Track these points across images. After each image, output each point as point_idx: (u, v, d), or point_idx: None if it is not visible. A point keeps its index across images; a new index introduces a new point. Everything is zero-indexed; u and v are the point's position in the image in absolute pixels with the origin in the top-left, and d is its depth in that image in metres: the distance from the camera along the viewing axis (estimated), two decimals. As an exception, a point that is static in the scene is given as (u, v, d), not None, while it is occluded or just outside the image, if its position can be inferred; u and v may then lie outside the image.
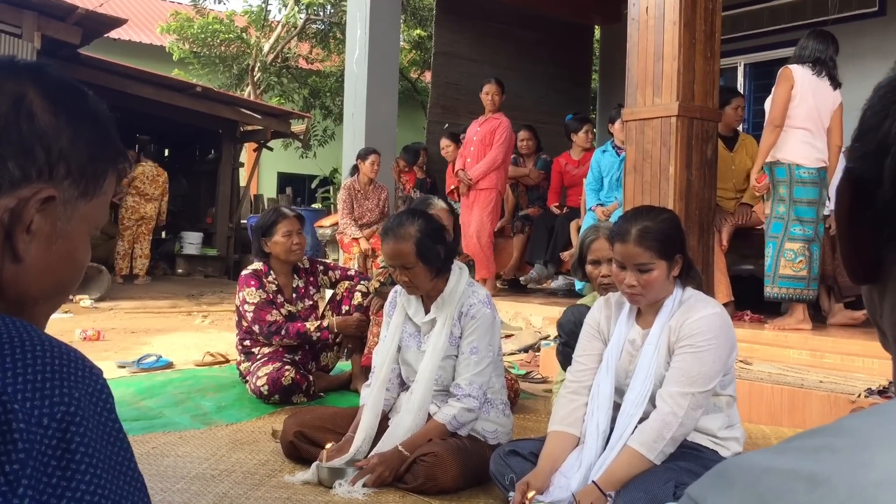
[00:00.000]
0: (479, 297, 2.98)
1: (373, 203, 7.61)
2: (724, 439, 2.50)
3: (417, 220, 2.94)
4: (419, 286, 2.94)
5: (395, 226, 2.93)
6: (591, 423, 2.52)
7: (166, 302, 8.84)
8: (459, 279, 3.01)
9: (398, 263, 2.90)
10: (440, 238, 2.97)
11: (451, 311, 2.96)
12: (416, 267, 2.89)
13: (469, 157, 6.96)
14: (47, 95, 0.80)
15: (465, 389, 2.91)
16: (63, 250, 0.81)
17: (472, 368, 2.92)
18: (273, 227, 4.28)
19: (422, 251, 2.88)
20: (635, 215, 2.51)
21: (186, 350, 5.63)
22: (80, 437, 0.67)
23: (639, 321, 2.60)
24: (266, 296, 4.23)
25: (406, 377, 3.10)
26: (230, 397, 4.21)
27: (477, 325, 2.94)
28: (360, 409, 3.08)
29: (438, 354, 2.94)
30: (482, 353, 2.94)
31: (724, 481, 0.49)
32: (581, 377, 2.64)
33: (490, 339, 2.96)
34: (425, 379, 2.95)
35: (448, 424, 2.91)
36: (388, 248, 2.91)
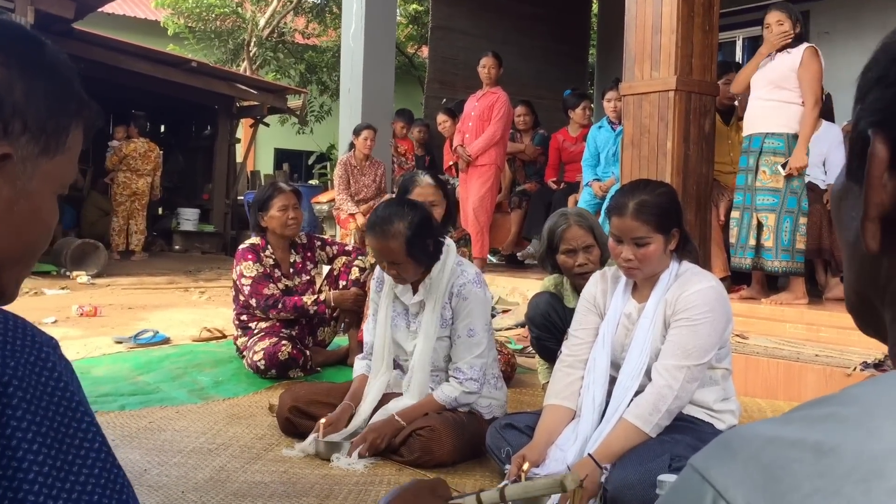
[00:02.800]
0: (469, 276, 2.95)
1: (369, 179, 7.58)
2: (720, 412, 2.51)
3: (406, 217, 2.82)
4: (408, 277, 2.92)
5: (381, 222, 2.81)
6: (587, 396, 2.52)
7: (163, 278, 8.84)
8: (447, 258, 2.97)
9: (386, 259, 2.84)
10: (429, 231, 2.88)
11: (440, 293, 2.93)
12: (404, 262, 2.85)
13: (467, 133, 6.92)
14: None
15: (466, 373, 2.91)
16: (26, 210, 0.77)
17: (471, 351, 2.92)
18: (269, 202, 4.27)
19: (411, 248, 2.82)
20: (633, 189, 2.50)
21: (183, 325, 5.63)
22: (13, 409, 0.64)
23: (635, 295, 2.60)
24: (263, 270, 4.23)
25: (395, 355, 3.10)
26: (227, 372, 4.22)
27: (470, 305, 2.92)
28: (356, 379, 3.08)
29: (431, 339, 2.94)
30: (479, 336, 2.93)
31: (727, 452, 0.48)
32: (577, 351, 2.64)
33: (484, 319, 2.95)
34: (422, 364, 2.95)
35: (447, 405, 2.92)
36: (376, 245, 2.83)
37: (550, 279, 3.56)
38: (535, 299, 3.51)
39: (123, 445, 2.98)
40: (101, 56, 9.57)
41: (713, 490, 0.46)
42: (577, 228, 3.25)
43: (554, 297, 3.47)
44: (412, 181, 3.95)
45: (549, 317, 3.41)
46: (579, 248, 3.24)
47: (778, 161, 4.61)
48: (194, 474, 2.68)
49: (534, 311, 3.47)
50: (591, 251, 3.26)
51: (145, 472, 2.69)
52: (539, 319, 3.44)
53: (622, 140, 5.24)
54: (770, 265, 4.66)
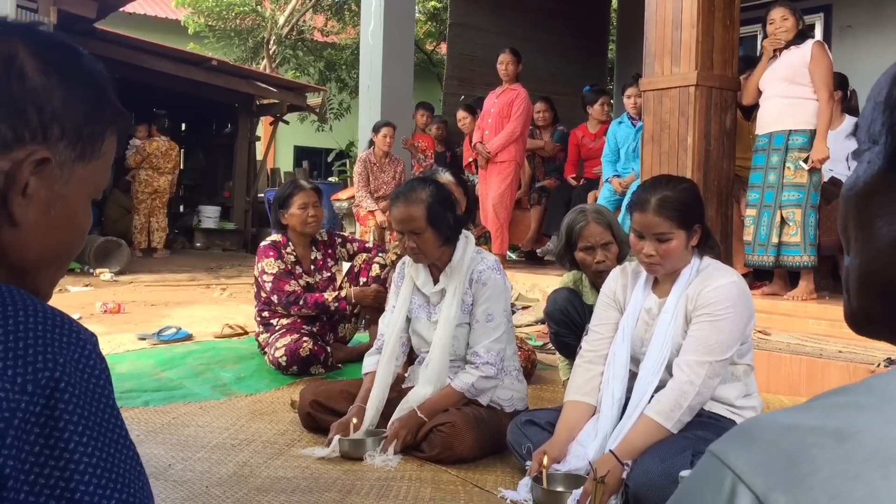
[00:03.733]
0: (488, 262, 2.98)
1: (389, 176, 7.59)
2: (742, 408, 2.50)
3: (429, 186, 2.96)
4: (427, 252, 2.93)
5: (406, 191, 2.95)
6: (607, 392, 2.52)
7: (185, 275, 8.91)
8: (466, 247, 3.02)
9: (407, 228, 2.90)
10: (451, 205, 2.98)
11: (460, 279, 2.96)
12: (425, 233, 2.89)
13: (487, 130, 6.92)
14: (38, 54, 0.77)
15: (482, 357, 2.92)
16: (62, 214, 0.79)
17: (488, 335, 2.93)
18: (290, 200, 4.29)
19: (432, 216, 2.89)
20: (655, 184, 2.49)
21: (205, 322, 5.68)
22: (66, 403, 0.66)
23: (655, 290, 2.59)
24: (284, 266, 4.26)
25: (417, 348, 3.11)
26: (249, 368, 4.25)
27: (489, 291, 2.94)
28: (365, 377, 3.09)
29: (451, 323, 2.94)
30: (498, 320, 2.94)
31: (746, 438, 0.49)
32: (597, 346, 2.64)
33: (503, 305, 2.96)
34: (441, 348, 2.95)
35: (466, 392, 2.92)
36: (399, 212, 2.92)
37: (569, 276, 3.55)
38: (553, 295, 3.51)
39: (148, 441, 3.01)
40: (123, 55, 9.66)
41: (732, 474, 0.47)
42: (595, 225, 3.24)
43: (572, 293, 3.47)
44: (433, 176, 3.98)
45: (567, 313, 3.41)
46: (597, 246, 3.23)
47: (802, 157, 4.58)
48: (218, 469, 2.71)
49: (552, 307, 3.47)
50: (609, 248, 3.25)
51: (170, 468, 2.72)
52: (558, 315, 3.43)
53: (642, 136, 5.22)
54: (797, 260, 4.63)
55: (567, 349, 3.46)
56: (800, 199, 4.59)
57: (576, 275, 3.51)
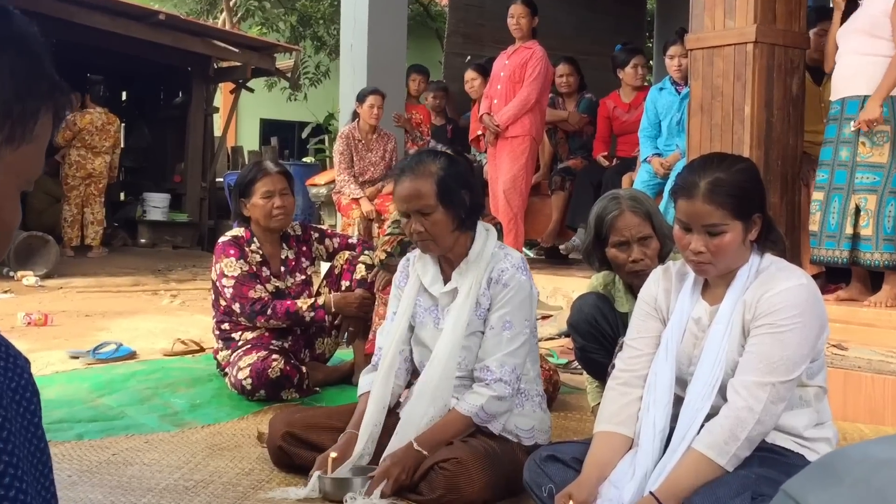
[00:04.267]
0: (513, 260, 2.98)
1: (376, 156, 7.60)
2: (812, 440, 2.50)
3: (440, 158, 2.98)
4: (438, 239, 2.93)
5: (413, 163, 2.97)
6: (647, 420, 2.52)
7: (127, 279, 8.91)
8: (487, 241, 3.02)
9: (414, 207, 2.90)
10: (467, 183, 2.99)
11: (477, 278, 2.95)
12: (435, 213, 2.89)
13: (496, 98, 6.92)
14: None
15: (495, 373, 2.91)
16: None
17: (503, 347, 2.92)
18: (252, 186, 4.29)
19: (444, 193, 2.89)
20: (704, 165, 2.49)
21: (152, 337, 5.68)
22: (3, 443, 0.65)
23: (705, 296, 2.59)
24: (248, 268, 4.26)
25: (420, 362, 3.10)
26: (206, 393, 4.26)
27: (510, 294, 2.93)
28: (360, 399, 3.09)
29: (461, 329, 2.93)
30: (516, 329, 2.93)
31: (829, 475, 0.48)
32: (634, 365, 2.64)
33: (526, 313, 2.96)
34: (444, 358, 2.93)
35: (474, 417, 2.91)
36: (404, 188, 2.92)
37: (599, 277, 3.55)
38: (579, 302, 3.50)
39: (82, 483, 3.01)
40: (49, 8, 9.65)
41: None
42: (630, 215, 3.24)
43: (602, 298, 3.46)
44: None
45: (596, 323, 3.40)
46: (633, 240, 3.23)
47: (884, 130, 4.56)
48: (168, 517, 2.71)
49: (578, 316, 3.46)
50: (647, 244, 3.24)
51: (109, 515, 2.72)
52: (584, 326, 3.43)
53: (689, 105, 5.21)
54: (868, 258, 4.62)
55: (596, 368, 3.46)
56: (875, 183, 4.57)
57: (607, 276, 3.51)
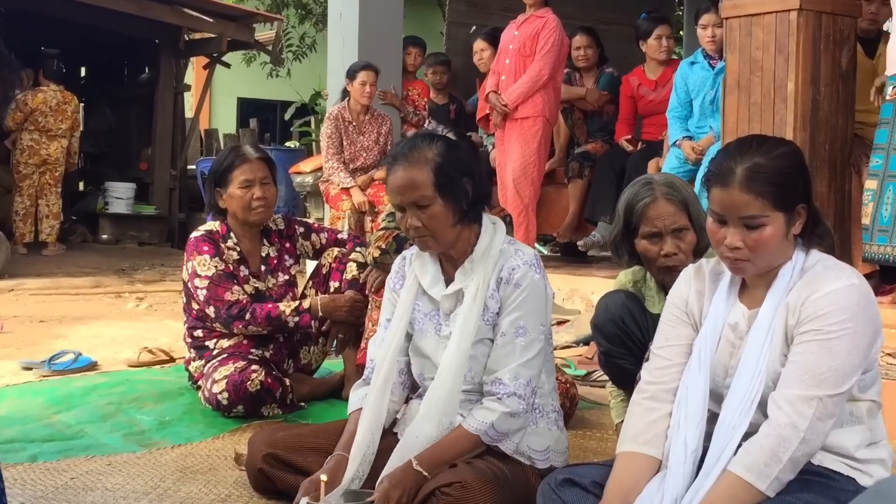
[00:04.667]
0: (525, 257, 2.95)
1: (369, 139, 7.60)
2: (864, 462, 2.49)
3: (437, 143, 2.94)
4: (437, 235, 2.91)
5: (406, 149, 2.93)
6: (678, 440, 2.52)
7: (86, 280, 8.91)
8: (494, 236, 2.99)
9: (409, 199, 2.87)
10: (467, 169, 2.95)
11: (485, 278, 2.92)
12: (433, 205, 2.86)
13: (504, 74, 6.91)
14: None
15: (508, 386, 2.89)
16: None
17: (517, 356, 2.90)
18: (228, 174, 4.29)
19: (443, 181, 2.86)
20: (741, 149, 2.48)
21: (115, 345, 5.68)
22: None
23: (743, 298, 2.59)
24: (224, 266, 4.26)
25: (420, 374, 3.09)
26: (176, 409, 4.26)
27: (523, 295, 2.91)
28: (350, 417, 3.08)
29: (468, 338, 2.91)
30: (531, 336, 2.91)
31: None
32: (662, 377, 2.63)
33: (541, 318, 2.94)
34: (451, 372, 2.91)
35: (483, 435, 2.89)
36: (397, 178, 2.89)
37: (627, 274, 3.54)
38: (605, 300, 3.48)
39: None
40: (-2, -27, 9.66)
41: None
42: (664, 203, 3.22)
43: (632, 298, 3.45)
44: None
45: (623, 324, 3.39)
46: (667, 232, 3.22)
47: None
48: (134, 550, 2.71)
49: (603, 316, 3.44)
50: (682, 236, 3.23)
51: (67, 547, 2.73)
52: (610, 328, 3.41)
53: (724, 81, 5.20)
54: None
55: (622, 377, 3.44)
56: None
57: (637, 273, 3.50)
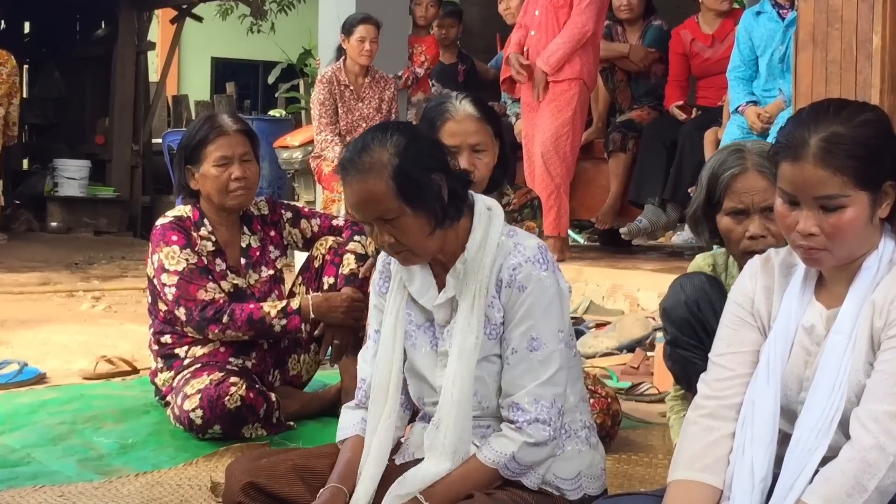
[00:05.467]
0: (526, 251, 2.91)
1: (370, 106, 7.58)
2: (967, 491, 2.49)
3: (392, 137, 2.85)
4: (416, 248, 2.88)
5: (355, 155, 2.85)
6: (743, 465, 2.52)
7: (33, 275, 8.92)
8: (489, 228, 2.96)
9: (372, 215, 2.83)
10: (434, 162, 2.89)
11: (481, 282, 2.90)
12: (402, 216, 2.82)
13: (532, 28, 6.91)
14: None
15: (528, 411, 2.88)
16: None
17: (535, 375, 2.89)
18: (202, 150, 4.28)
19: (406, 187, 2.80)
20: (817, 117, 2.47)
21: (68, 353, 5.69)
22: None
23: (821, 295, 2.58)
24: (197, 259, 4.26)
25: (419, 398, 3.08)
26: (141, 429, 4.26)
27: (530, 300, 2.88)
28: (345, 444, 3.08)
29: (468, 358, 2.89)
30: (548, 347, 2.90)
31: None
32: (723, 391, 2.63)
33: (556, 321, 2.91)
34: (457, 400, 2.91)
35: (502, 469, 2.89)
36: (353, 192, 2.85)
37: (706, 257, 3.52)
38: (681, 280, 3.45)
39: (-25, 550, 3.03)
40: None
41: None
42: (756, 177, 3.20)
43: (713, 282, 3.42)
44: (441, 110, 3.93)
45: (698, 310, 3.35)
46: (755, 210, 3.20)
47: None
48: None
49: (675, 299, 3.41)
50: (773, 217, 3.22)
51: None
52: (681, 312, 3.37)
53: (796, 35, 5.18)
54: None
55: (687, 374, 3.40)
56: None
57: (718, 256, 3.49)
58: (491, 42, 8.70)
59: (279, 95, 16.48)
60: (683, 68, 7.21)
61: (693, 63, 7.17)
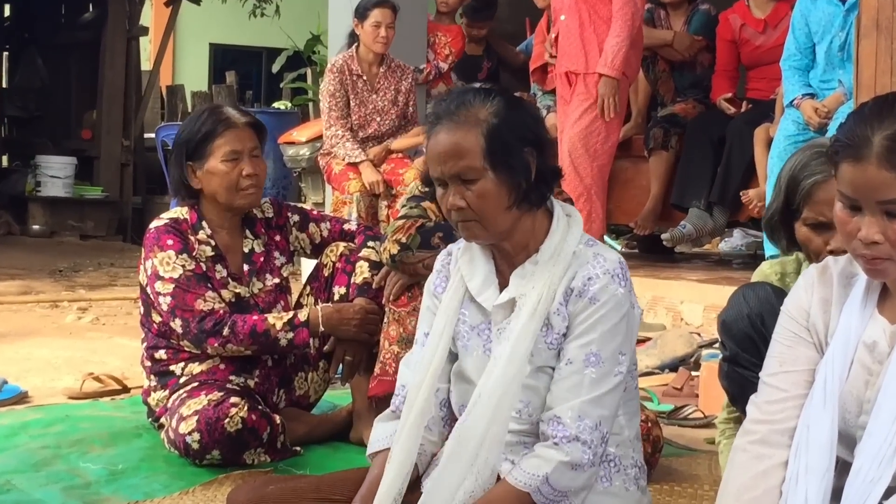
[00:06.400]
0: (607, 264, 2.91)
1: (385, 99, 7.59)
2: None
3: (494, 99, 2.91)
4: (486, 219, 2.87)
5: (452, 106, 2.91)
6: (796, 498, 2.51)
7: (13, 284, 8.94)
8: (569, 231, 2.96)
9: (452, 170, 2.84)
10: (532, 137, 2.93)
11: (549, 285, 2.90)
12: (482, 179, 2.83)
13: (563, 13, 6.91)
14: None
15: (569, 427, 2.87)
16: None
17: (584, 391, 2.88)
18: (207, 144, 4.28)
19: (497, 149, 2.84)
20: (880, 112, 2.47)
21: (52, 370, 5.69)
22: None
23: (884, 309, 2.58)
24: (195, 266, 4.26)
25: (460, 405, 3.05)
26: (132, 455, 4.27)
27: (600, 314, 2.88)
28: (374, 462, 3.08)
29: (519, 360, 2.88)
30: (606, 367, 2.89)
31: None
32: (775, 414, 2.63)
33: (621, 344, 2.90)
34: (493, 401, 2.87)
35: (534, 493, 2.88)
36: (439, 143, 2.87)
37: (774, 265, 3.50)
38: (743, 291, 3.44)
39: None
40: None
41: None
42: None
43: (780, 293, 3.42)
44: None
45: (762, 325, 3.33)
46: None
47: None
48: None
49: (736, 311, 3.39)
50: None
51: None
52: (742, 325, 3.36)
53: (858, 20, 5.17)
54: None
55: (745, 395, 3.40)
56: None
57: (788, 264, 3.47)
58: (520, 27, 8.70)
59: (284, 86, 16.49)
60: (732, 57, 7.20)
61: (743, 51, 7.16)
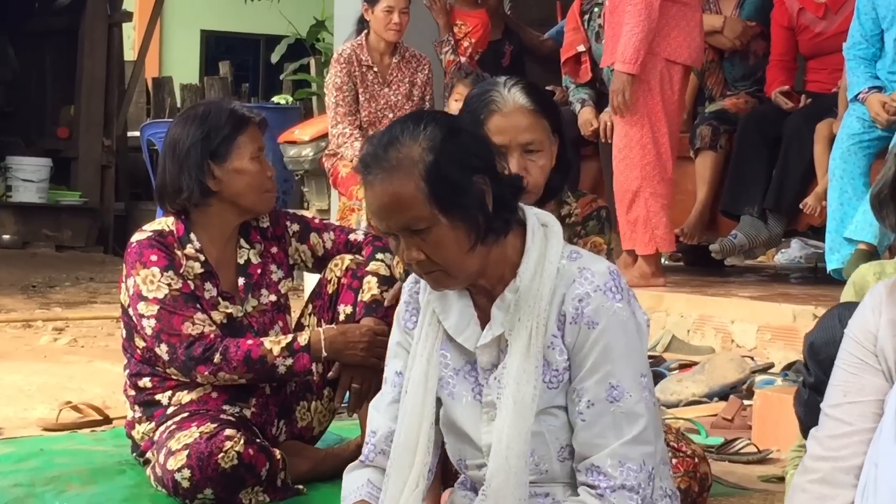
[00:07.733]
0: (595, 278, 2.89)
1: (399, 93, 7.60)
2: None
3: (426, 129, 2.83)
4: (451, 268, 2.85)
5: (380, 149, 2.84)
6: (864, 544, 2.52)
7: (-19, 301, 8.99)
8: (547, 244, 2.94)
9: (398, 224, 2.82)
10: (477, 161, 2.87)
11: (538, 318, 2.88)
12: (435, 227, 2.81)
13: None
14: None
15: (612, 477, 2.86)
16: None
17: (619, 432, 2.85)
18: (233, 140, 4.28)
19: (441, 190, 2.79)
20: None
21: (24, 399, 5.72)
22: None
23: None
24: (182, 284, 4.28)
25: (459, 460, 3.06)
26: (114, 493, 4.29)
27: (605, 339, 2.86)
28: None
29: (526, 412, 2.88)
30: (633, 397, 2.87)
31: None
32: (840, 449, 2.63)
33: (638, 364, 2.90)
34: (516, 468, 2.89)
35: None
36: (375, 196, 2.83)
37: (872, 267, 3.50)
38: (839, 311, 3.44)
39: None
40: None
41: None
42: None
43: None
44: (486, 99, 3.90)
45: None
46: None
47: None
48: None
49: (826, 334, 3.35)
50: None
51: None
52: (832, 353, 3.33)
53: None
54: None
55: None
56: None
57: (886, 265, 3.47)
58: (551, 12, 8.71)
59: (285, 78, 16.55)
60: (790, 45, 7.20)
61: (801, 39, 7.16)
